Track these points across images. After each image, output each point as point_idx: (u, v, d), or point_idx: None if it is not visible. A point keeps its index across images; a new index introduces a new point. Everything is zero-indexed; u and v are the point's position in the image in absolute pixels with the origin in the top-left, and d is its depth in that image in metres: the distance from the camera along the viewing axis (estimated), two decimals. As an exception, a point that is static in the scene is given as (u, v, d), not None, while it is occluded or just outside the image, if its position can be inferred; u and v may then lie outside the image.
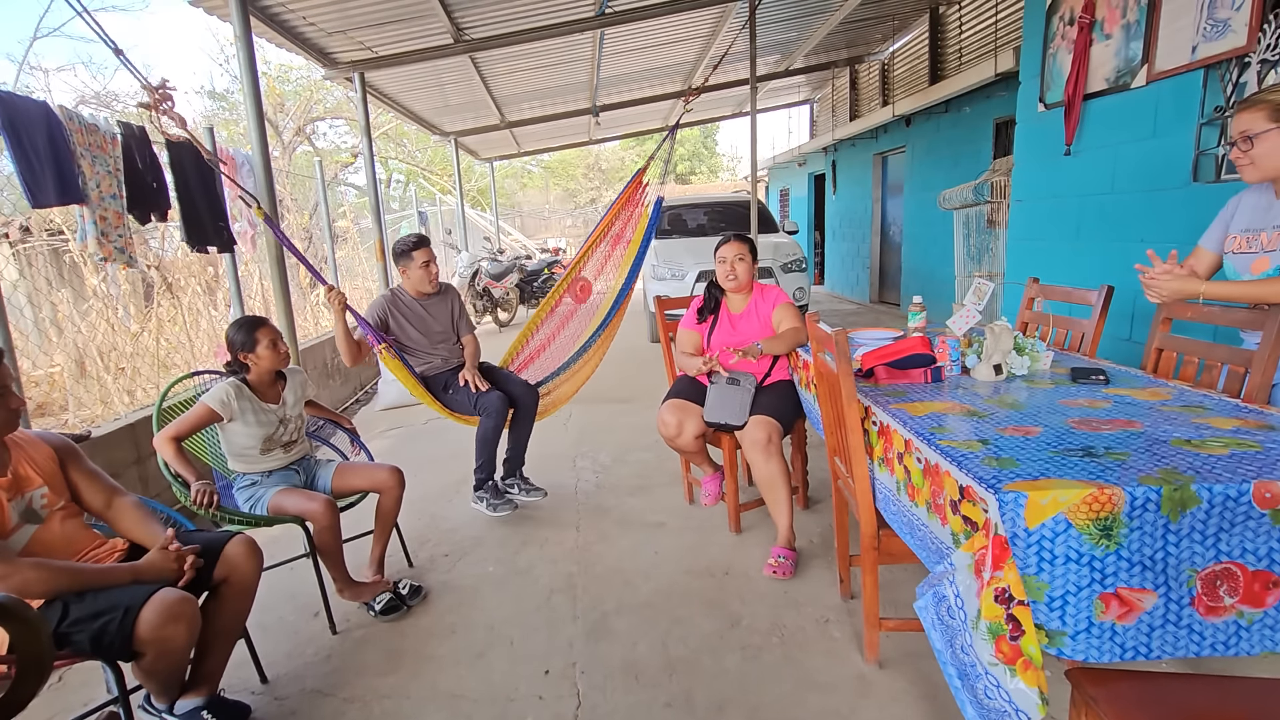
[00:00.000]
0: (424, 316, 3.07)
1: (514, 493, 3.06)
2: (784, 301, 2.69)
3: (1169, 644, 1.19)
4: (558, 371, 3.59)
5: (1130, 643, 1.18)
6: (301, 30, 4.61)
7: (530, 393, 3.13)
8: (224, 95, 15.26)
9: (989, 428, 1.54)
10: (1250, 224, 1.85)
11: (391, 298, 3.06)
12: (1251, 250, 1.83)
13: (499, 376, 3.15)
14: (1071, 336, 2.50)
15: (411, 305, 3.06)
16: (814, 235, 12.72)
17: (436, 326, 3.09)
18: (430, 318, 3.08)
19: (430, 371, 3.07)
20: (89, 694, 1.93)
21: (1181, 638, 1.19)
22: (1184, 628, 1.19)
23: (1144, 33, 2.95)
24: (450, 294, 3.21)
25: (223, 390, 2.14)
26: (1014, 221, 4.02)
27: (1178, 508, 1.17)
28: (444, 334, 3.12)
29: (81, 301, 4.84)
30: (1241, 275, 1.87)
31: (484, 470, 2.97)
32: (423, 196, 11.44)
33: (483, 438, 2.93)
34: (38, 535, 1.54)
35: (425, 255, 3.02)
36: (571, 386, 3.58)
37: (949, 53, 7.49)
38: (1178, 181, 2.84)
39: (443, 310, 3.13)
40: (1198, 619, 1.19)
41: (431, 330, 3.08)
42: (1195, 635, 1.19)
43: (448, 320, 3.14)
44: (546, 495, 3.09)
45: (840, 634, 2.04)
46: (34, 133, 2.49)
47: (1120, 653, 1.18)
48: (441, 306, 3.13)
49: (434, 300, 3.11)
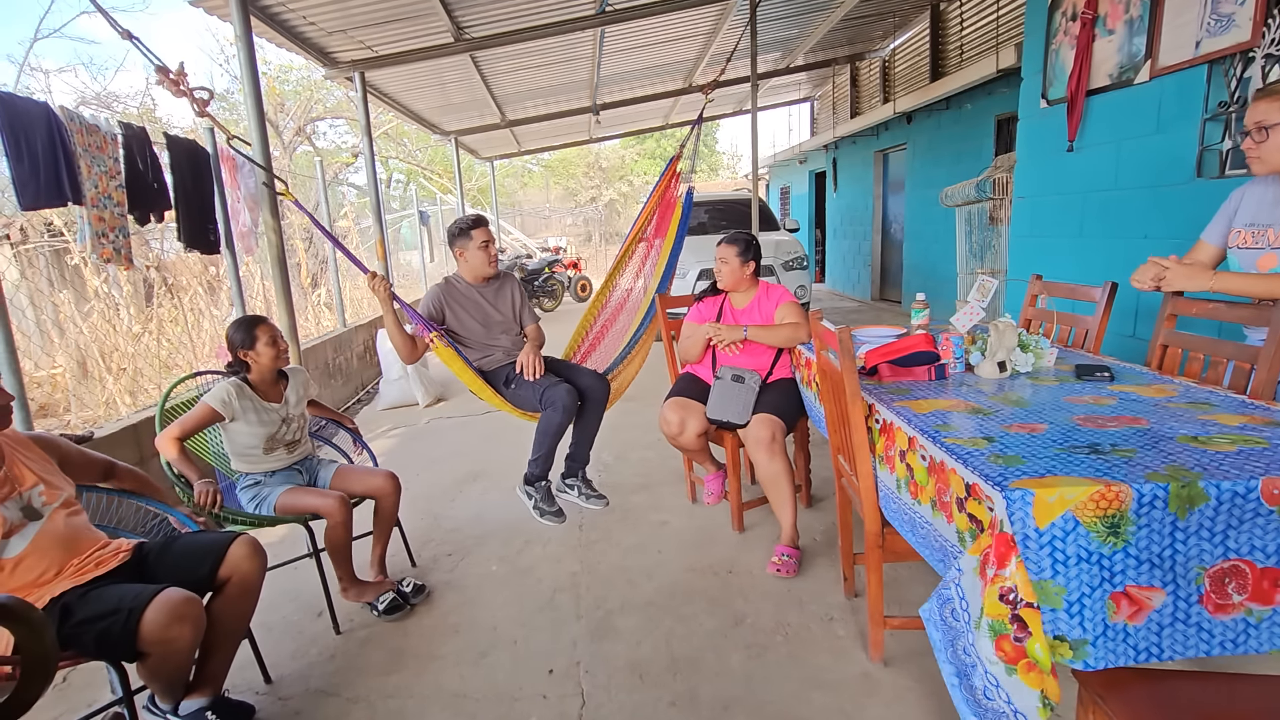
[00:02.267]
0: (482, 305, 2.89)
1: (571, 494, 2.95)
2: (787, 300, 2.68)
3: (1179, 643, 1.18)
4: (619, 359, 3.35)
5: (1142, 644, 1.17)
6: (302, 29, 4.60)
7: (600, 383, 2.91)
8: (224, 95, 15.25)
9: (994, 425, 1.53)
10: (1256, 218, 1.83)
11: (446, 286, 2.88)
12: (1258, 246, 1.81)
13: (563, 368, 2.97)
14: (1075, 333, 2.49)
15: (469, 293, 2.88)
16: (815, 233, 12.71)
17: (497, 316, 2.91)
18: (490, 306, 2.90)
19: (490, 365, 2.87)
20: (93, 695, 1.94)
21: (1191, 636, 1.18)
22: (1193, 626, 1.18)
23: (1147, 28, 2.93)
24: (510, 281, 3.03)
25: (224, 390, 2.13)
26: (1017, 218, 4.01)
27: (1185, 505, 1.16)
28: (505, 323, 2.93)
29: (83, 302, 4.84)
30: (1247, 271, 1.86)
31: (540, 465, 2.80)
32: (423, 196, 11.43)
33: (545, 430, 2.73)
34: (42, 531, 1.54)
35: (484, 235, 2.83)
36: (631, 372, 3.36)
37: (950, 49, 7.47)
38: (1182, 177, 2.83)
39: (503, 298, 2.96)
40: (1206, 617, 1.18)
41: (492, 320, 2.90)
42: (1205, 634, 1.18)
43: (509, 308, 2.96)
44: (608, 504, 2.94)
45: (845, 632, 2.03)
46: (34, 134, 2.48)
47: (1134, 655, 1.17)
48: (502, 294, 2.96)
49: (492, 287, 2.94)
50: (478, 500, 3.23)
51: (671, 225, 3.55)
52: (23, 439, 1.64)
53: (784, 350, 2.68)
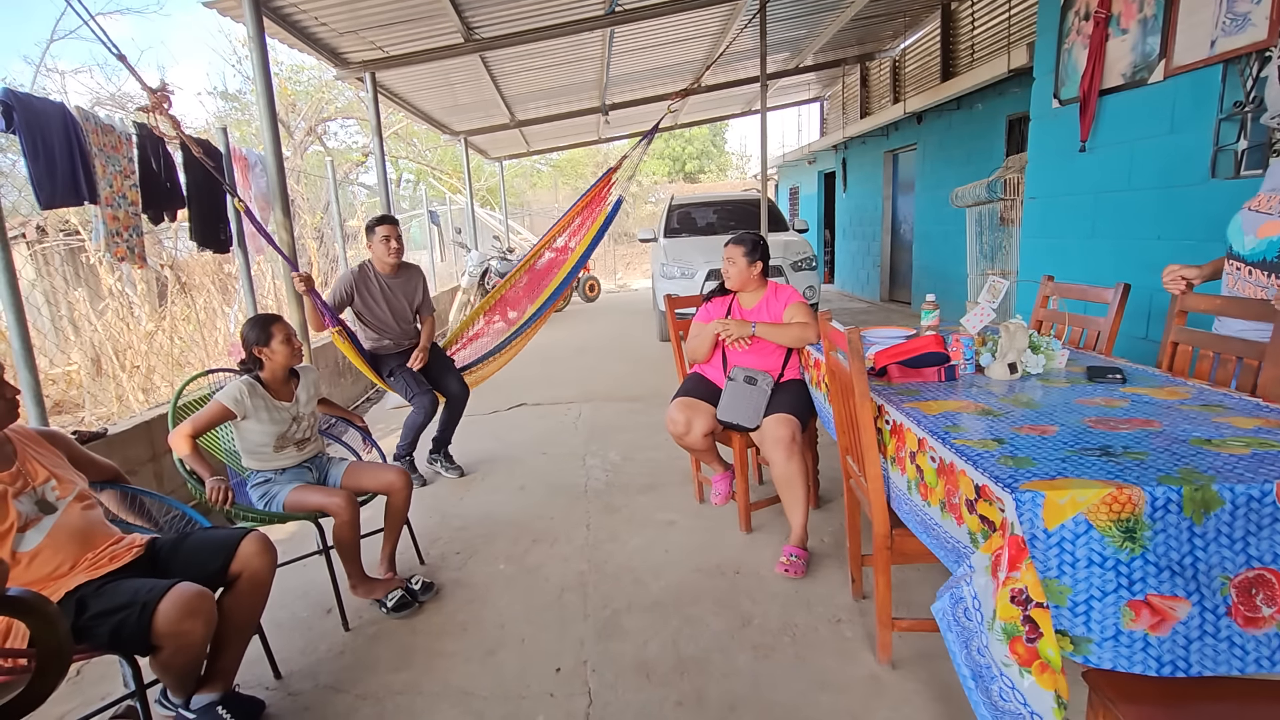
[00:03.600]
0: (388, 293, 3.32)
1: (436, 467, 3.54)
2: (796, 300, 2.68)
3: (1209, 658, 1.13)
4: (485, 357, 3.87)
5: (1167, 656, 1.13)
6: (313, 30, 4.63)
7: (463, 388, 3.51)
8: (236, 96, 15.37)
9: (1004, 426, 1.52)
10: (1277, 185, 1.86)
11: (360, 272, 3.30)
12: (1268, 211, 1.83)
13: (441, 368, 3.48)
14: (1087, 335, 2.47)
15: (377, 281, 3.31)
16: (824, 233, 12.67)
17: (399, 303, 3.35)
18: (394, 295, 3.34)
19: (381, 351, 3.37)
20: (106, 688, 1.96)
21: (1222, 652, 1.13)
22: (1223, 640, 1.13)
23: (1161, 27, 2.91)
24: (417, 274, 3.46)
25: (236, 388, 2.15)
26: (1028, 219, 3.98)
27: (1200, 509, 1.14)
28: (403, 311, 3.37)
29: (98, 300, 4.90)
30: (1245, 234, 1.88)
31: (405, 449, 3.41)
32: (433, 196, 11.48)
33: (410, 425, 3.35)
34: (57, 524, 1.56)
35: (386, 231, 3.26)
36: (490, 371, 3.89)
37: (961, 49, 7.43)
38: (1196, 178, 2.81)
39: (409, 289, 3.39)
40: (1237, 630, 1.13)
41: (394, 306, 3.33)
42: (1237, 649, 1.13)
43: (411, 299, 3.40)
44: (464, 475, 3.51)
45: (852, 634, 2.03)
46: (50, 134, 2.51)
47: (1157, 666, 1.13)
48: (408, 285, 3.39)
49: (400, 278, 3.37)
50: (486, 499, 3.24)
51: (589, 233, 3.95)
52: (33, 434, 1.67)
53: (794, 351, 2.67)
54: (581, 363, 6.22)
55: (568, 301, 4.12)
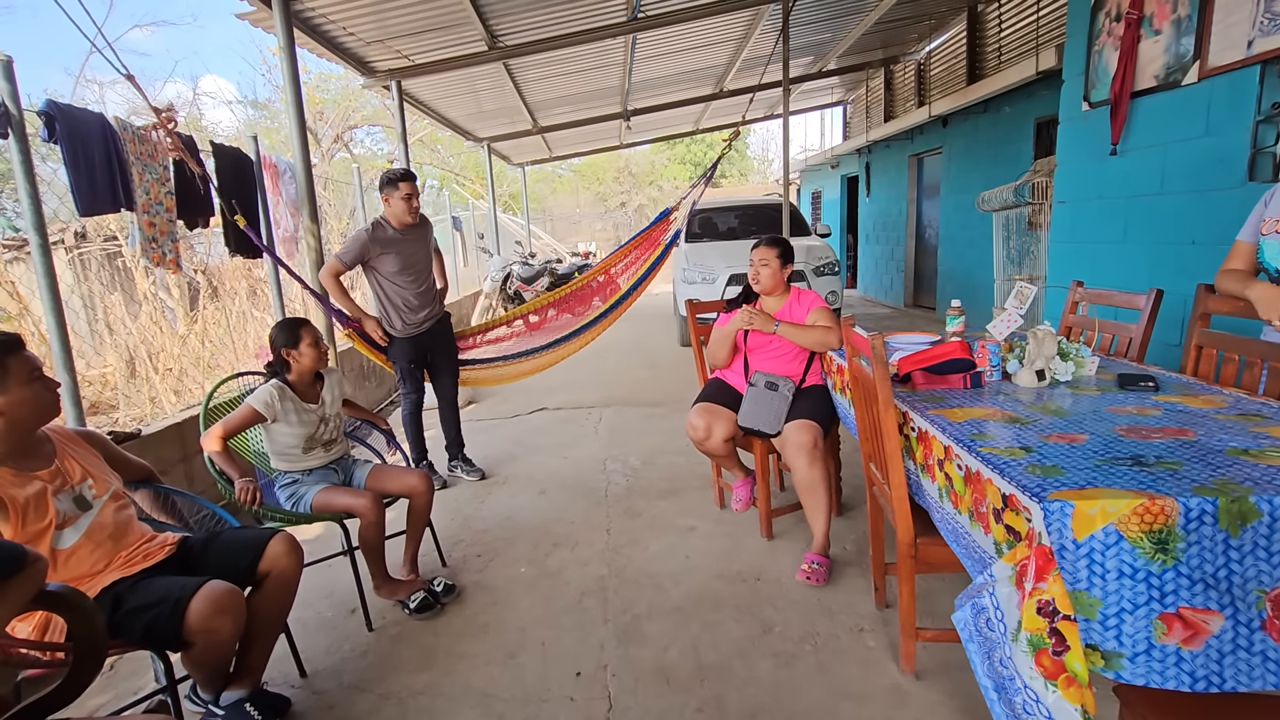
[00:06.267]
0: (404, 246, 3.28)
1: (457, 472, 3.59)
2: (819, 305, 2.66)
3: (1244, 673, 1.11)
4: (493, 360, 3.98)
5: (1200, 671, 1.10)
6: (342, 40, 4.72)
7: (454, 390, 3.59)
8: (265, 104, 15.72)
9: (1032, 435, 1.50)
10: None
11: (374, 228, 3.24)
12: None
13: (444, 361, 3.53)
14: (1118, 341, 2.42)
15: (394, 236, 3.26)
16: (846, 238, 12.57)
17: (415, 258, 3.31)
18: (411, 248, 3.30)
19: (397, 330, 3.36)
20: (138, 682, 2.00)
21: (1256, 666, 1.11)
22: (1257, 655, 1.11)
23: (1196, 28, 2.85)
24: (427, 228, 3.44)
25: (266, 393, 2.20)
26: (1057, 224, 3.91)
27: (1237, 521, 1.12)
28: (420, 267, 3.34)
29: (132, 304, 5.03)
30: None
31: (415, 450, 3.46)
32: (456, 201, 11.59)
33: (404, 419, 3.48)
34: (94, 523, 1.60)
35: (409, 189, 3.22)
36: (492, 378, 4.02)
37: (988, 51, 7.34)
38: (1232, 181, 2.74)
39: (422, 244, 3.37)
40: (1272, 645, 1.11)
41: (410, 262, 3.29)
42: (1271, 664, 1.11)
43: (425, 251, 3.39)
44: (484, 478, 3.55)
45: (875, 643, 2.00)
46: (90, 143, 2.59)
47: (1190, 681, 1.10)
48: (422, 240, 3.38)
49: (414, 234, 3.32)
50: (507, 502, 3.26)
51: (640, 268, 4.13)
52: (70, 434, 1.71)
53: (816, 356, 2.66)
54: (602, 367, 6.24)
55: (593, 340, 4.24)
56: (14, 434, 1.48)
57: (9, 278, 4.34)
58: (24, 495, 1.47)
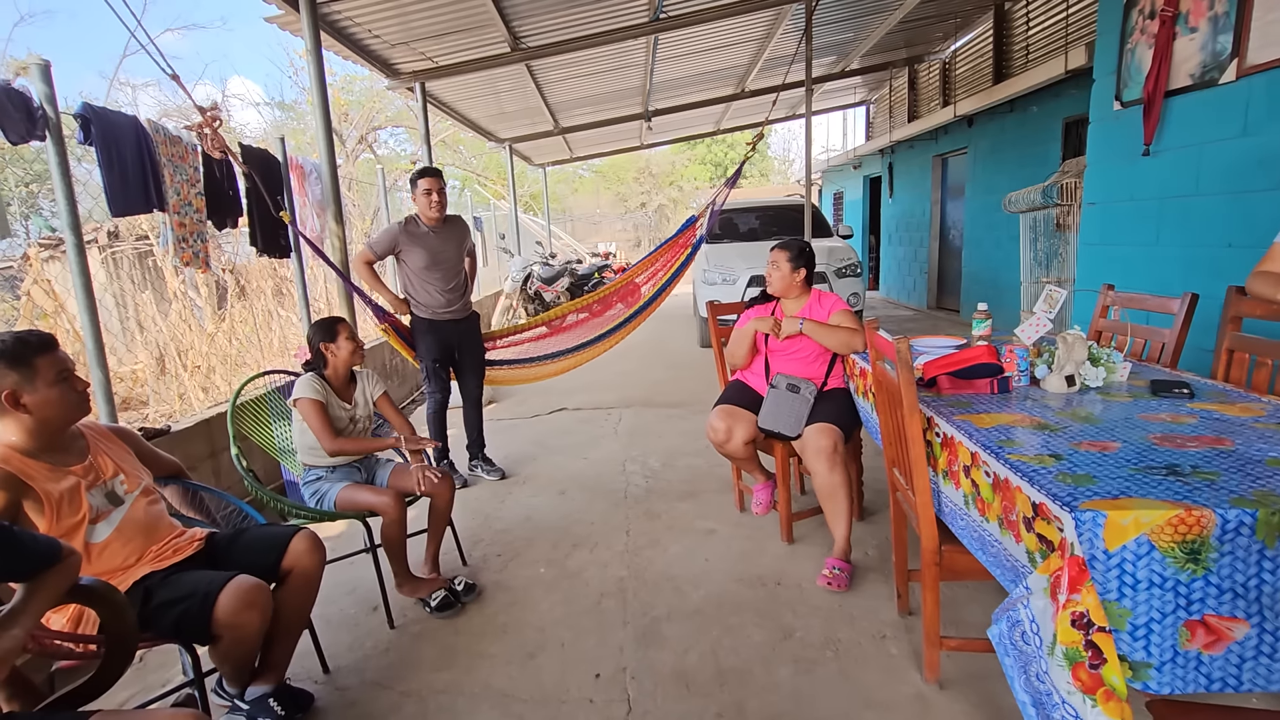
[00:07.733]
0: (432, 242, 3.33)
1: (478, 471, 3.63)
2: (840, 308, 2.63)
3: (1261, 676, 1.11)
4: (517, 361, 4.02)
5: (1218, 673, 1.11)
6: (367, 43, 4.78)
7: (478, 391, 3.64)
8: (291, 106, 15.97)
9: (1062, 442, 1.47)
10: None
11: (406, 223, 3.33)
12: None
13: (471, 361, 3.57)
14: (1150, 347, 2.37)
15: (424, 232, 3.32)
16: (868, 239, 12.45)
17: (443, 254, 3.36)
18: (439, 245, 3.34)
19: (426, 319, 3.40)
20: (166, 675, 2.04)
21: (1276, 671, 1.11)
22: (1279, 661, 1.11)
23: (1234, 25, 2.77)
24: (460, 224, 3.47)
25: (306, 384, 2.28)
26: (1086, 226, 3.84)
27: (1275, 532, 1.09)
28: (450, 262, 3.38)
29: (163, 303, 5.14)
30: None
31: (438, 447, 3.50)
32: (477, 202, 11.70)
33: (427, 416, 3.53)
34: (125, 518, 1.63)
35: (428, 185, 3.27)
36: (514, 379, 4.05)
37: (1015, 50, 7.21)
38: (1271, 182, 2.66)
39: (453, 239, 3.40)
40: None
41: (438, 257, 3.33)
42: None
43: (457, 248, 3.42)
44: (505, 477, 3.59)
45: (898, 651, 1.98)
46: (124, 145, 2.65)
47: (1206, 683, 1.11)
48: (453, 236, 3.41)
49: (444, 230, 3.37)
50: (527, 502, 3.27)
51: (664, 275, 4.18)
52: (103, 430, 1.75)
53: (838, 359, 2.63)
54: (622, 368, 6.24)
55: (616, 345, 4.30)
56: (44, 431, 1.51)
57: (45, 276, 4.46)
58: (59, 490, 1.51)
